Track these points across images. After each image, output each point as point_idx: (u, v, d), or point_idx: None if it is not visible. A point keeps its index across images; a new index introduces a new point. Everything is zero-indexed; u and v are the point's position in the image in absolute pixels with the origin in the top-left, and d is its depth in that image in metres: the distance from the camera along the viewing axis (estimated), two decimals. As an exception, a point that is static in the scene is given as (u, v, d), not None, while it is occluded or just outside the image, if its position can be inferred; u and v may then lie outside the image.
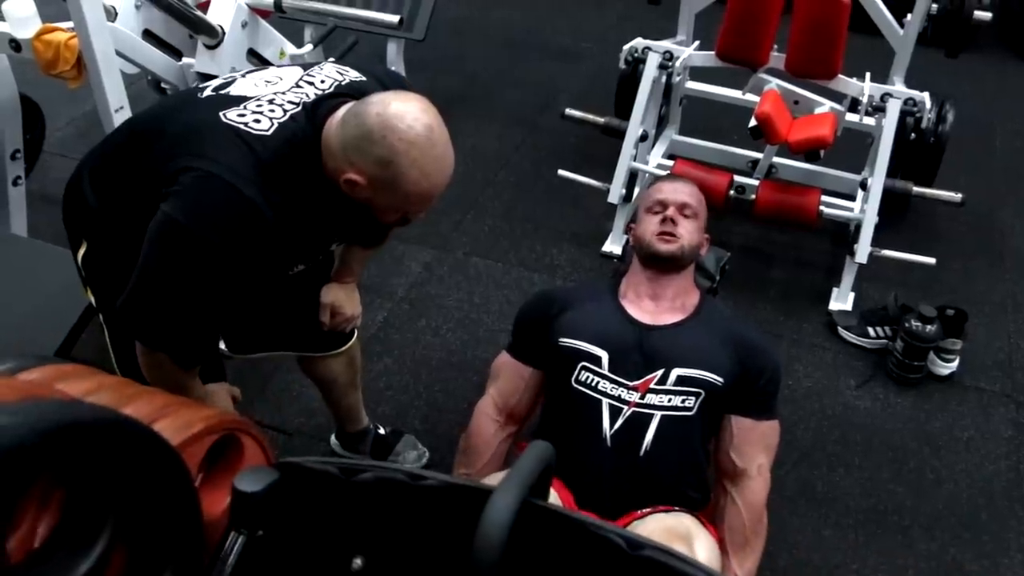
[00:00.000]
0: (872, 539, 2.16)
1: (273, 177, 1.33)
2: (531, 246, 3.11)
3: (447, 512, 0.97)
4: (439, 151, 1.33)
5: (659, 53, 2.90)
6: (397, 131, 1.28)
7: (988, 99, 4.14)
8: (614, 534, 0.96)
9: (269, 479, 0.95)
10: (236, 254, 1.33)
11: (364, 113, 1.31)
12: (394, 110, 1.30)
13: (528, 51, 4.54)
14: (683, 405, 1.67)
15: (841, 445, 2.40)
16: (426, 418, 2.41)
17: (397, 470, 0.98)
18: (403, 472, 0.97)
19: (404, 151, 1.29)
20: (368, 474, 0.97)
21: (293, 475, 0.98)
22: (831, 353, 2.72)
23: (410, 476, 0.97)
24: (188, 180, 1.31)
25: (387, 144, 1.29)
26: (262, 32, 2.66)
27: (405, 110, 1.30)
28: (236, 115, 1.36)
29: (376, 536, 1.02)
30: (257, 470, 0.97)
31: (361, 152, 1.31)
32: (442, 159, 1.35)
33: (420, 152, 1.30)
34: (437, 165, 1.34)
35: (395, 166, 1.30)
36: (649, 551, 0.95)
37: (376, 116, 1.29)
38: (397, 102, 1.31)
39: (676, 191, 1.88)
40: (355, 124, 1.31)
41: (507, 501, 0.85)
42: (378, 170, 1.31)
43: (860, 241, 2.71)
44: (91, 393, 0.99)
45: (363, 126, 1.30)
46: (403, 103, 1.31)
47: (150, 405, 1.00)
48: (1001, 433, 2.48)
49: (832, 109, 2.77)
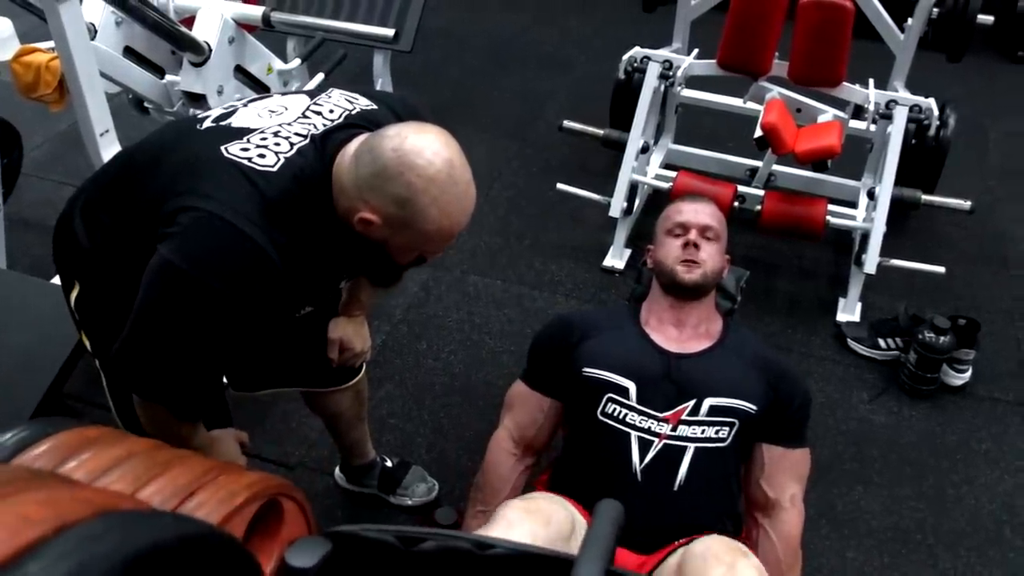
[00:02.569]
0: (897, 559, 2.10)
1: (280, 217, 1.23)
2: (530, 262, 3.03)
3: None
4: (460, 188, 1.24)
5: (659, 63, 2.84)
6: (415, 168, 1.19)
7: (979, 101, 4.12)
8: None
9: (322, 551, 0.87)
10: (240, 301, 1.23)
11: (379, 148, 1.21)
12: (411, 145, 1.20)
13: (514, 61, 4.47)
14: (717, 436, 1.60)
15: (858, 462, 2.34)
16: (432, 446, 2.32)
17: (461, 538, 0.91)
18: (468, 540, 0.90)
19: (423, 189, 1.20)
20: (430, 543, 0.90)
21: (347, 545, 0.90)
22: (842, 366, 2.66)
23: (476, 545, 0.90)
24: (187, 221, 1.21)
25: (404, 182, 1.19)
26: (249, 47, 2.58)
27: (423, 144, 1.21)
28: (239, 149, 1.26)
29: None
30: (309, 542, 0.88)
31: (376, 190, 1.21)
32: (463, 197, 1.25)
33: (440, 190, 1.21)
34: (458, 203, 1.25)
35: (413, 205, 1.21)
36: None
37: (392, 151, 1.20)
38: (414, 135, 1.21)
39: (698, 213, 1.80)
40: (370, 160, 1.22)
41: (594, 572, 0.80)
42: (395, 209, 1.22)
43: (869, 251, 2.66)
44: (121, 461, 0.89)
45: (378, 162, 1.21)
46: (421, 137, 1.22)
47: (188, 474, 0.91)
48: (1019, 444, 2.43)
49: (836, 117, 2.72)
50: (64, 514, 0.60)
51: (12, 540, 0.56)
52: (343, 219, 1.27)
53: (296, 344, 1.68)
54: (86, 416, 2.11)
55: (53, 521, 0.59)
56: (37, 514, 0.60)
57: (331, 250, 1.32)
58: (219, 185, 1.22)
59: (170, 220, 1.21)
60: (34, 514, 0.60)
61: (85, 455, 0.87)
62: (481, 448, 2.29)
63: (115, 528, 0.61)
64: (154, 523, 0.66)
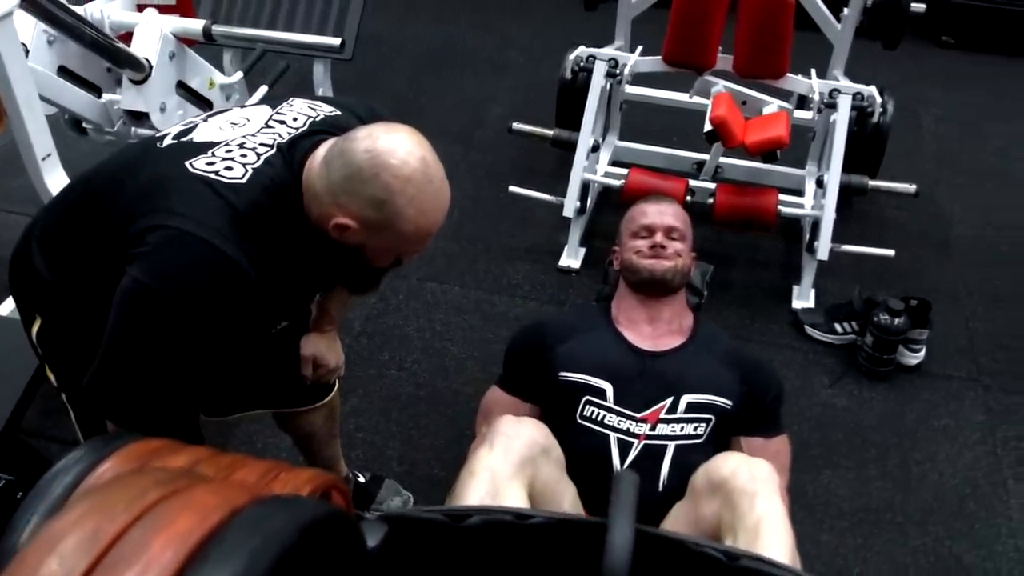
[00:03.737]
0: (869, 539, 2.14)
1: (251, 230, 1.20)
2: (486, 267, 3.02)
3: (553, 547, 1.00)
4: (436, 186, 1.23)
5: (605, 61, 2.85)
6: (390, 168, 1.17)
7: (910, 87, 4.23)
8: (712, 548, 1.01)
9: (382, 532, 0.96)
10: (216, 317, 1.20)
11: (351, 151, 1.19)
12: (384, 145, 1.18)
13: (453, 65, 4.45)
14: (695, 433, 1.61)
15: (824, 447, 2.38)
16: (403, 458, 2.29)
17: (503, 511, 1.01)
18: (510, 513, 1.00)
19: (399, 189, 1.18)
20: (475, 518, 0.98)
21: (401, 526, 0.98)
22: (800, 353, 2.71)
23: (517, 516, 0.99)
24: (157, 239, 1.17)
25: (380, 183, 1.18)
26: (190, 62, 2.51)
27: (396, 144, 1.19)
28: (204, 164, 1.23)
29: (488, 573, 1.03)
30: (369, 525, 0.97)
31: (351, 194, 1.19)
32: (439, 194, 1.25)
33: (416, 188, 1.19)
34: (435, 201, 1.24)
35: (390, 206, 1.19)
36: (746, 561, 1.01)
37: (365, 153, 1.18)
38: (386, 136, 1.20)
39: (662, 214, 1.81)
40: (342, 164, 1.20)
41: (626, 533, 0.91)
42: (371, 212, 1.20)
43: (820, 238, 2.71)
44: (192, 466, 0.93)
45: (351, 165, 1.18)
46: (392, 136, 1.20)
47: (253, 473, 0.96)
48: (974, 418, 2.51)
49: (781, 108, 2.77)
50: (231, 500, 0.71)
51: (204, 521, 0.68)
52: (316, 227, 1.24)
53: (269, 364, 1.64)
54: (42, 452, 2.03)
55: (226, 506, 0.70)
56: (212, 501, 0.70)
57: (305, 260, 1.30)
58: (187, 201, 1.18)
59: (138, 240, 1.17)
60: (210, 501, 0.70)
61: (156, 463, 0.92)
62: (453, 457, 2.29)
63: (279, 508, 0.72)
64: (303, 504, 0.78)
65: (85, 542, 0.64)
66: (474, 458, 1.38)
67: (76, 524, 0.65)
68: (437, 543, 0.99)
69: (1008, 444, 2.43)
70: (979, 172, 3.72)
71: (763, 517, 1.31)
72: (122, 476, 0.79)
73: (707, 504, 1.42)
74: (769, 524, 1.30)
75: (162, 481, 0.71)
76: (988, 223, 3.36)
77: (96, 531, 0.64)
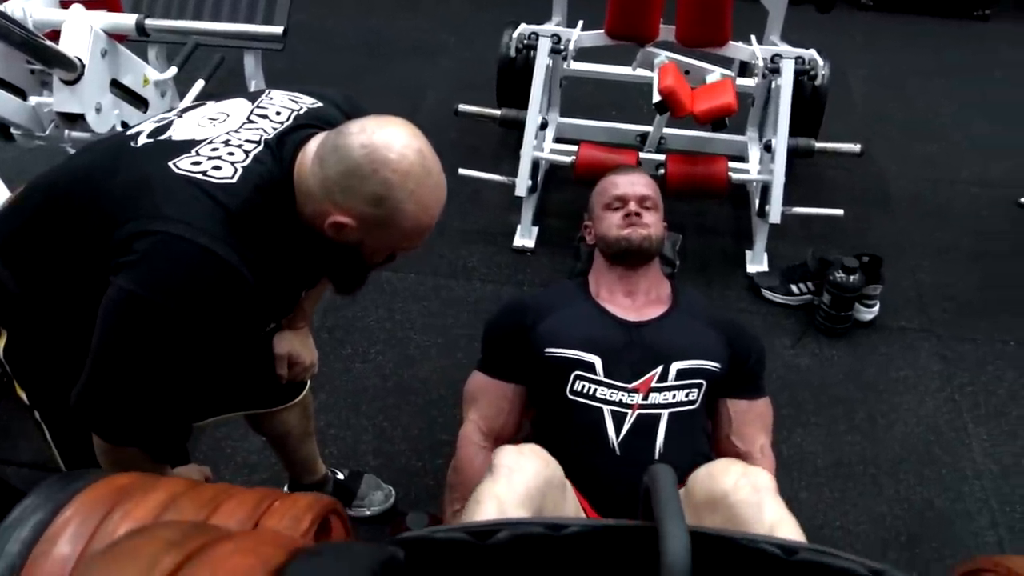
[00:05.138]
0: (846, 492, 2.19)
1: (246, 231, 1.14)
2: (440, 252, 2.97)
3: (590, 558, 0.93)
4: (434, 179, 1.19)
5: (548, 37, 2.82)
6: (389, 163, 1.12)
7: (836, 49, 4.28)
8: (767, 544, 0.95)
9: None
10: (212, 326, 1.14)
11: (345, 147, 1.14)
12: (380, 139, 1.13)
13: (385, 51, 4.36)
14: (687, 399, 1.61)
15: (793, 407, 2.42)
16: (378, 451, 2.25)
17: (533, 523, 0.91)
18: (541, 524, 0.90)
19: (399, 184, 1.13)
20: (503, 533, 0.89)
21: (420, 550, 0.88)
22: (759, 316, 2.74)
23: (550, 527, 0.90)
24: (146, 246, 1.10)
25: (379, 179, 1.13)
26: (123, 59, 2.39)
27: (392, 138, 1.14)
28: (190, 164, 1.16)
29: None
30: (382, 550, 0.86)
31: (348, 191, 1.14)
32: (438, 187, 1.20)
33: (416, 183, 1.15)
34: (433, 194, 1.19)
35: (390, 202, 1.14)
36: (804, 553, 0.94)
37: (361, 148, 1.13)
38: (380, 130, 1.15)
39: (634, 184, 1.80)
40: (336, 160, 1.14)
41: (681, 535, 0.83)
42: (370, 209, 1.15)
43: (772, 202, 2.74)
44: (168, 506, 0.82)
45: (347, 161, 1.13)
46: (387, 130, 1.15)
47: (242, 507, 0.85)
48: (931, 367, 2.58)
49: (723, 75, 2.78)
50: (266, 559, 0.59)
51: None
52: (309, 224, 1.20)
53: (242, 366, 1.58)
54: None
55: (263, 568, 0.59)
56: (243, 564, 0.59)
57: (298, 258, 1.25)
58: (176, 204, 1.12)
59: (125, 248, 1.10)
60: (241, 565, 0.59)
61: (128, 505, 0.80)
62: (427, 447, 2.26)
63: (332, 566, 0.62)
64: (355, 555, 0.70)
65: None
66: (479, 489, 1.34)
67: None
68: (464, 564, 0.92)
69: (964, 390, 2.51)
70: (909, 129, 3.82)
71: (776, 523, 1.30)
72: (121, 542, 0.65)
73: (708, 518, 1.39)
74: (784, 529, 1.30)
75: (174, 541, 0.59)
76: (924, 178, 3.46)
77: None
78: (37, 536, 0.79)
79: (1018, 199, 3.32)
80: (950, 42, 4.72)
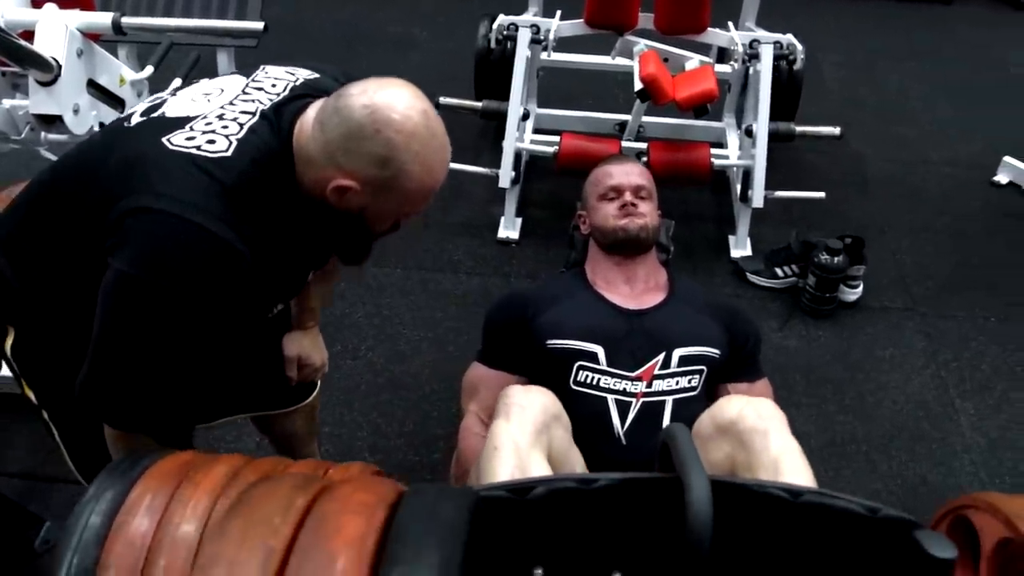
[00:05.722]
0: (841, 471, 2.21)
1: (242, 205, 1.11)
2: (425, 246, 2.96)
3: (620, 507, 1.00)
4: (439, 140, 1.15)
5: (528, 28, 2.82)
6: (392, 123, 1.09)
7: (807, 35, 4.33)
8: (775, 489, 1.03)
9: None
10: (210, 304, 1.11)
11: (347, 108, 1.11)
12: (383, 99, 1.10)
13: (358, 46, 4.33)
14: (689, 385, 1.62)
15: (785, 389, 2.44)
16: (374, 448, 2.24)
17: (566, 479, 1.01)
18: (573, 479, 0.99)
19: (403, 145, 1.10)
20: (540, 489, 0.97)
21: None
22: (745, 300, 2.76)
23: (582, 481, 0.98)
24: (139, 224, 1.07)
25: (383, 139, 1.09)
26: (98, 59, 2.35)
27: (395, 97, 1.11)
28: (184, 139, 1.13)
29: (553, 543, 1.01)
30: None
31: (351, 153, 1.11)
32: (443, 148, 1.17)
33: (421, 144, 1.11)
34: (438, 156, 1.16)
35: (395, 163, 1.10)
36: (809, 496, 1.03)
37: (363, 108, 1.09)
38: (382, 90, 1.11)
39: (628, 174, 1.81)
40: (338, 122, 1.11)
41: (704, 484, 0.90)
42: (375, 171, 1.11)
43: (754, 186, 2.76)
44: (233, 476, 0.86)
45: (350, 122, 1.10)
46: (390, 90, 1.12)
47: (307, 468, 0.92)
48: (915, 345, 2.62)
49: (702, 62, 2.80)
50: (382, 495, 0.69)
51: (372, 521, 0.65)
52: (310, 195, 1.16)
53: (253, 366, 1.56)
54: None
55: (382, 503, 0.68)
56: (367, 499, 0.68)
57: (300, 232, 1.21)
58: (169, 180, 1.08)
59: (118, 227, 1.07)
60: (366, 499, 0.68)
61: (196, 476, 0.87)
62: (423, 441, 2.26)
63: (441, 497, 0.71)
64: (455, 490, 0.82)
65: (260, 562, 0.59)
66: (495, 432, 1.35)
67: (241, 544, 0.59)
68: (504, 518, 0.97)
69: (949, 366, 2.55)
70: (883, 112, 3.88)
71: (781, 454, 1.33)
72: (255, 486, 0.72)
73: (716, 448, 1.42)
74: (789, 460, 1.32)
75: (299, 486, 0.65)
76: (898, 159, 3.51)
77: (266, 549, 0.58)
78: (116, 508, 0.84)
79: (990, 178, 3.38)
80: (916, 25, 4.79)
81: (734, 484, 1.02)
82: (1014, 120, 3.76)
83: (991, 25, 4.86)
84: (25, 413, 2.08)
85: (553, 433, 1.40)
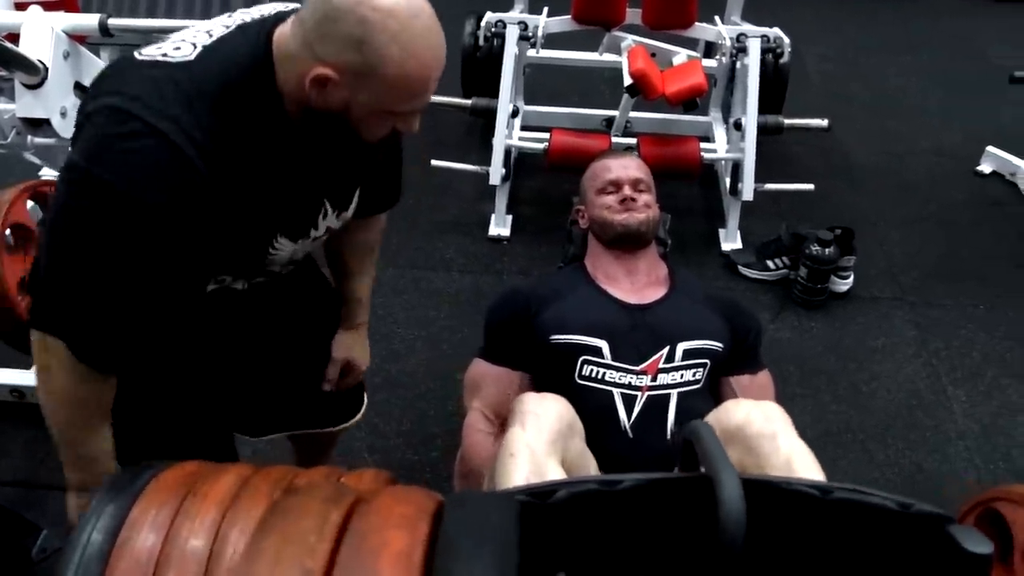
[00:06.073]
0: (838, 461, 2.23)
1: (203, 113, 1.04)
2: (416, 244, 2.96)
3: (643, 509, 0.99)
4: (424, 21, 1.03)
5: (516, 25, 2.81)
6: (368, 0, 1.00)
7: (789, 27, 4.36)
8: (805, 486, 1.01)
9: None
10: (158, 212, 1.03)
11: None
12: None
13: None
14: (693, 379, 1.62)
15: (781, 381, 2.43)
16: (372, 448, 2.23)
17: (587, 481, 1.00)
18: (595, 481, 0.98)
19: (380, 23, 0.99)
20: (561, 492, 0.96)
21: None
22: (738, 293, 2.77)
23: (604, 483, 0.97)
24: (90, 121, 1.05)
25: (358, 17, 0.99)
26: (85, 61, 2.32)
27: None
28: (153, 49, 1.09)
29: (575, 547, 1.00)
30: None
31: (327, 37, 1.01)
32: (429, 32, 1.04)
33: (400, 24, 1.00)
34: (423, 39, 1.03)
35: (370, 45, 1.00)
36: (839, 492, 1.01)
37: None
38: None
39: (626, 168, 1.81)
40: (313, 8, 1.02)
41: (735, 482, 0.88)
42: (351, 54, 1.01)
43: (744, 179, 2.77)
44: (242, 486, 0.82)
45: (325, 5, 1.01)
46: None
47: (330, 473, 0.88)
48: (906, 334, 2.64)
49: (689, 57, 2.81)
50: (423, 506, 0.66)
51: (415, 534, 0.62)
52: (297, 104, 1.08)
53: (303, 378, 1.53)
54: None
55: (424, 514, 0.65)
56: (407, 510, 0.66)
57: (291, 155, 1.14)
58: (129, 82, 1.05)
59: (79, 129, 1.07)
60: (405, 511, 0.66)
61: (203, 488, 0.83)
62: (421, 440, 2.25)
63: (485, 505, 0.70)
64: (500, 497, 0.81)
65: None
66: (510, 440, 1.34)
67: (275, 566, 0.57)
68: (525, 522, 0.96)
69: (940, 354, 2.57)
70: (867, 104, 3.91)
71: (792, 454, 1.33)
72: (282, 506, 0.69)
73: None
74: (800, 461, 1.32)
75: (331, 498, 0.63)
76: (885, 151, 3.54)
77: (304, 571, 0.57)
78: (119, 524, 0.80)
79: (973, 168, 3.42)
80: (897, 17, 4.84)
81: (763, 482, 1.02)
82: (995, 110, 3.80)
83: (971, 16, 4.91)
84: (21, 420, 2.08)
85: (568, 441, 1.39)
